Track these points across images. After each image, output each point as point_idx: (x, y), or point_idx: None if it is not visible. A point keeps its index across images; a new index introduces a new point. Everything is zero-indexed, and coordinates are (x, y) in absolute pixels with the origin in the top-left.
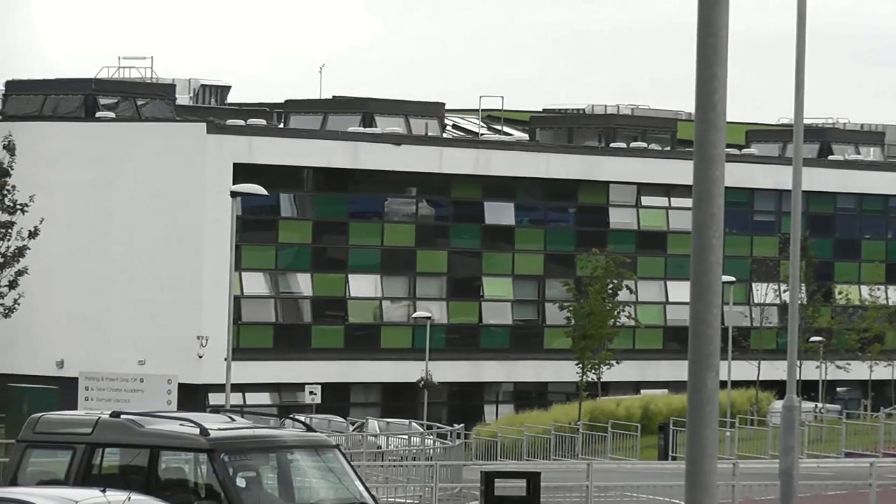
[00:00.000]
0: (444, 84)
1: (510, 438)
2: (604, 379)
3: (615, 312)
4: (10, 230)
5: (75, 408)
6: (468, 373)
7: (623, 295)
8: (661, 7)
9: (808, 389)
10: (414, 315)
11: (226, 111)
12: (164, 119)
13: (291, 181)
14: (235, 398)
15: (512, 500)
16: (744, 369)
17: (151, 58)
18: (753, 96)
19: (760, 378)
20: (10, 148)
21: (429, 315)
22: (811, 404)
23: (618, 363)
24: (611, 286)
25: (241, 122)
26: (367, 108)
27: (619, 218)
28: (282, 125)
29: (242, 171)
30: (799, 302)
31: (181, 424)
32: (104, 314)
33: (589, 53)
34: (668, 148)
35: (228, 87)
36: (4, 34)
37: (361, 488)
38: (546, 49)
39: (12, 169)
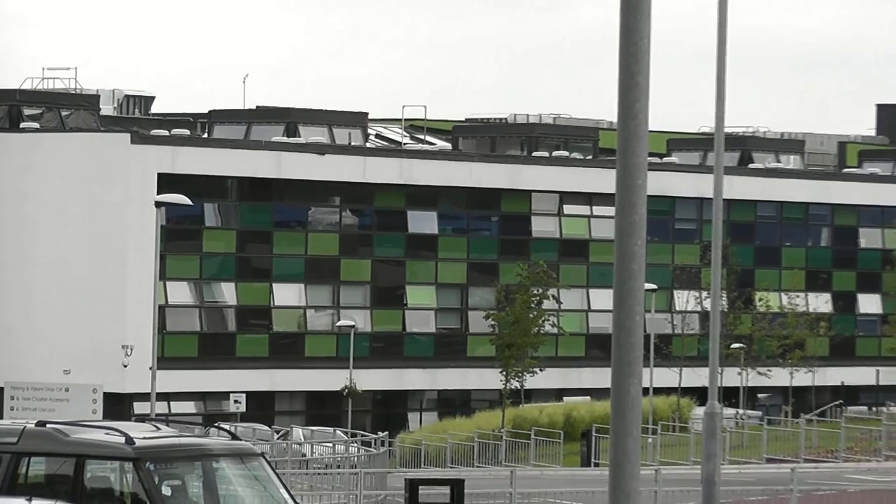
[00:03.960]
0: (367, 94)
1: (434, 446)
2: (527, 386)
3: (539, 321)
4: None
5: (1, 417)
6: (392, 381)
7: (546, 303)
8: (583, 16)
9: (730, 396)
10: (338, 323)
11: (150, 121)
12: (89, 129)
13: (215, 191)
14: (160, 407)
15: None
16: (666, 376)
17: (75, 69)
18: (674, 105)
19: (682, 385)
20: None
21: (353, 323)
22: (732, 411)
23: (541, 370)
24: (536, 296)
25: (165, 133)
26: (291, 118)
27: (542, 226)
28: (206, 135)
29: (167, 181)
30: (720, 309)
31: (107, 433)
32: (29, 324)
33: (511, 63)
34: (590, 157)
35: (152, 98)
36: None
37: (286, 496)
38: (468, 59)
39: None
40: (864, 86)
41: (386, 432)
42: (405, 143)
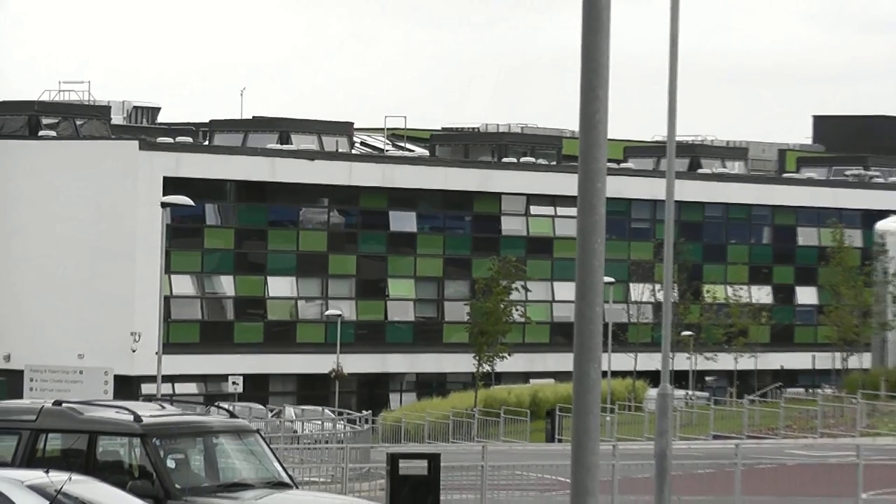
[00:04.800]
0: (353, 104)
1: (413, 423)
2: (497, 370)
3: (509, 310)
4: None
5: (21, 397)
6: (375, 364)
7: (516, 294)
8: (549, 35)
9: (680, 378)
10: (326, 313)
11: (156, 130)
12: (101, 137)
13: (216, 193)
14: (166, 388)
15: (415, 478)
16: (622, 361)
17: (89, 82)
18: (630, 116)
19: (637, 368)
20: None
21: (339, 313)
22: (683, 392)
23: (510, 355)
24: (506, 289)
25: (169, 140)
26: (284, 127)
27: (511, 225)
28: (207, 142)
29: (171, 184)
30: (671, 300)
31: (117, 412)
32: (47, 313)
33: (483, 77)
34: (555, 162)
35: (158, 109)
36: None
37: (279, 468)
38: (445, 73)
39: None
40: (801, 99)
41: (369, 411)
42: (387, 150)
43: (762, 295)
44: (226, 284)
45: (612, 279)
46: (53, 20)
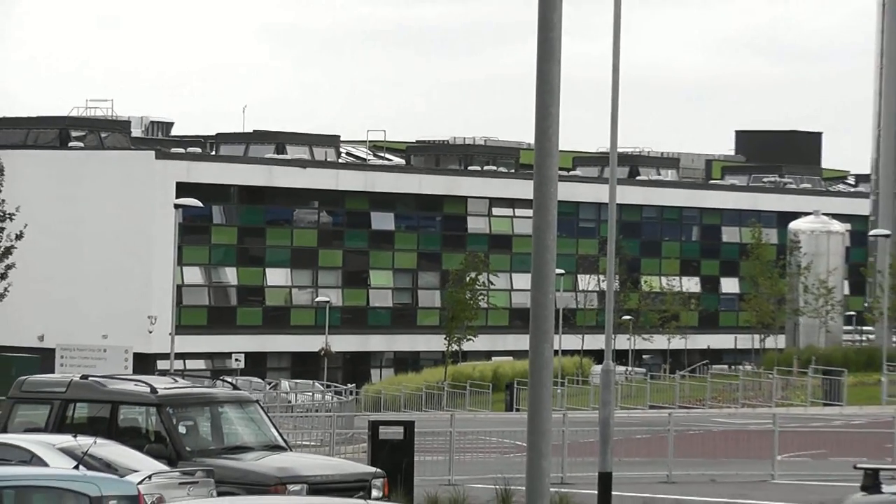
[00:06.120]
0: (339, 119)
1: (391, 395)
2: (464, 349)
3: (477, 298)
4: (0, 234)
5: (53, 372)
6: (358, 344)
7: (481, 284)
8: (509, 61)
9: (621, 356)
10: (316, 299)
11: (170, 141)
12: (122, 148)
13: (221, 196)
14: (178, 364)
15: (392, 442)
16: (571, 341)
17: (112, 100)
18: (578, 129)
19: (584, 348)
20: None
21: (328, 299)
22: (623, 368)
23: (475, 337)
24: (474, 280)
25: (182, 150)
26: (280, 140)
27: (475, 225)
28: (214, 152)
29: (183, 188)
30: (614, 289)
31: (136, 384)
32: (75, 299)
33: (452, 95)
34: (513, 170)
35: (172, 123)
36: None
37: (276, 434)
38: (420, 92)
39: (2, 186)
40: (726, 115)
41: (353, 384)
42: (369, 160)
43: (691, 285)
44: (230, 275)
45: (562, 271)
46: (79, 46)
